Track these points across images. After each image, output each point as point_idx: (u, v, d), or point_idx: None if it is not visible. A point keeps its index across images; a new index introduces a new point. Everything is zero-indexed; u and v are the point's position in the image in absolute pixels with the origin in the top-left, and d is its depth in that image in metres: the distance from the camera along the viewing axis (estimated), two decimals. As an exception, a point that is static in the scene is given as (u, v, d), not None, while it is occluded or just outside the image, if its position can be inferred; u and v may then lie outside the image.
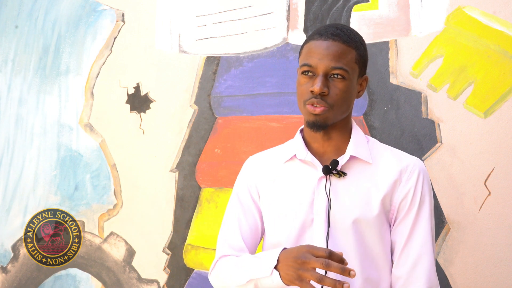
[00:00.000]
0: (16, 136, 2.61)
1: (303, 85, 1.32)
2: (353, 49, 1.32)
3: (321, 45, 1.30)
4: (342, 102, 1.31)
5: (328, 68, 1.28)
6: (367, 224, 1.30)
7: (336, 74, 1.29)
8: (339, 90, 1.29)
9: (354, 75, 1.32)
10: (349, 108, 1.35)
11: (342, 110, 1.32)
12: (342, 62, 1.29)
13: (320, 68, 1.29)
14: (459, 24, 1.80)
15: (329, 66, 1.28)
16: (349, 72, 1.30)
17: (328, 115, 1.30)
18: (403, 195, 1.32)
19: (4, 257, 2.57)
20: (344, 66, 1.29)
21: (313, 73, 1.30)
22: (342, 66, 1.28)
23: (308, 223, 1.33)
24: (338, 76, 1.29)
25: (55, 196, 2.50)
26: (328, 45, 1.29)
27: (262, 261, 1.24)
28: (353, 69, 1.32)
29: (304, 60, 1.32)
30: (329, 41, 1.30)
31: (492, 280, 1.71)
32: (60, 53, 2.56)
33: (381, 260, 1.33)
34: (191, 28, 2.27)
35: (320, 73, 1.29)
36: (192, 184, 2.22)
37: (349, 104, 1.34)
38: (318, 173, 1.34)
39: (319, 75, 1.29)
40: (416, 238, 1.31)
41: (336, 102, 1.29)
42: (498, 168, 1.73)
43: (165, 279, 2.25)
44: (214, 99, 2.20)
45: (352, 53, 1.31)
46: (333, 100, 1.29)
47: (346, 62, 1.29)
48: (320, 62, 1.29)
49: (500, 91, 1.74)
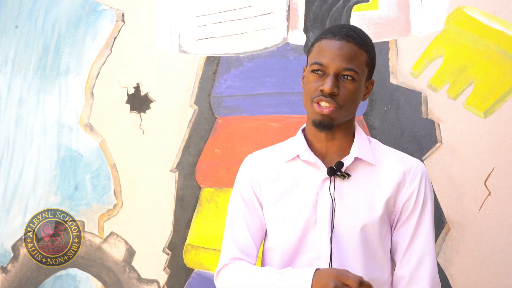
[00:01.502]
0: (16, 136, 2.61)
1: (312, 83, 1.30)
2: (365, 51, 1.31)
3: (334, 45, 1.29)
4: (351, 103, 1.30)
5: (340, 69, 1.28)
6: (371, 225, 1.31)
7: (347, 75, 1.28)
8: (349, 91, 1.28)
9: (363, 78, 1.32)
10: (355, 110, 1.35)
11: (349, 111, 1.32)
12: (354, 63, 1.28)
13: (332, 67, 1.28)
14: (459, 24, 1.80)
15: (341, 66, 1.27)
16: (359, 74, 1.29)
17: (336, 116, 1.29)
18: (407, 196, 1.32)
19: (4, 257, 2.57)
20: (356, 68, 1.28)
21: (324, 72, 1.29)
22: (353, 67, 1.28)
23: (312, 224, 1.32)
24: (349, 78, 1.28)
25: (55, 196, 2.50)
26: (341, 45, 1.29)
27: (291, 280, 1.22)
28: (363, 72, 1.31)
29: (315, 58, 1.31)
30: (342, 41, 1.29)
31: (492, 280, 1.71)
32: (60, 53, 2.56)
33: (383, 260, 1.33)
34: (191, 28, 2.27)
35: (331, 73, 1.28)
36: (192, 184, 2.22)
37: (356, 106, 1.34)
38: (322, 174, 1.33)
39: (330, 75, 1.28)
40: (419, 238, 1.31)
41: (345, 103, 1.29)
42: (498, 168, 1.73)
43: (165, 279, 2.25)
44: (214, 99, 2.20)
45: (363, 56, 1.31)
46: (342, 101, 1.28)
47: (358, 64, 1.29)
48: (332, 61, 1.28)
49: (500, 91, 1.74)
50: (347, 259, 1.30)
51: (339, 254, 1.29)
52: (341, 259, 1.29)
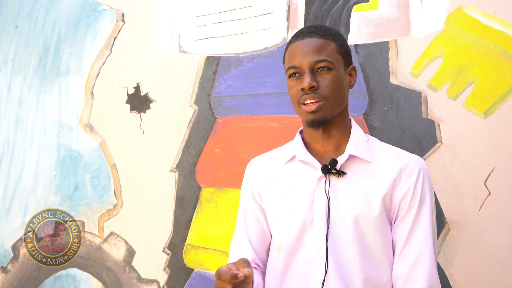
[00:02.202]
0: (16, 136, 2.61)
1: (293, 87, 1.34)
2: (331, 40, 1.34)
3: (300, 44, 1.33)
4: (335, 92, 1.32)
5: (312, 63, 1.31)
6: (368, 223, 1.30)
7: (322, 67, 1.31)
8: (328, 81, 1.31)
9: (339, 65, 1.34)
10: (344, 99, 1.36)
11: (337, 101, 1.33)
12: (324, 54, 1.31)
13: (305, 65, 1.31)
14: (459, 24, 1.80)
15: (312, 61, 1.31)
16: (333, 62, 1.32)
17: (325, 108, 1.31)
18: (403, 193, 1.32)
19: (4, 257, 2.57)
20: (327, 57, 1.31)
21: (300, 73, 1.33)
22: (324, 58, 1.31)
23: (309, 223, 1.33)
24: (324, 69, 1.31)
25: (55, 196, 2.50)
26: (306, 42, 1.33)
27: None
28: (337, 60, 1.33)
29: (288, 64, 1.35)
30: (306, 39, 1.33)
31: (492, 280, 1.71)
32: (60, 53, 2.56)
33: (382, 259, 1.32)
34: (191, 28, 2.27)
35: (306, 70, 1.31)
36: (192, 184, 2.22)
37: (343, 94, 1.35)
38: (318, 173, 1.34)
39: (306, 72, 1.31)
40: (416, 237, 1.30)
41: (329, 94, 1.31)
42: (498, 168, 1.73)
43: (165, 279, 2.25)
44: (214, 99, 2.20)
45: (331, 45, 1.34)
46: (325, 92, 1.30)
47: (328, 54, 1.32)
48: (303, 59, 1.31)
49: (500, 91, 1.74)
50: (343, 257, 1.29)
51: (335, 253, 1.29)
52: (337, 258, 1.29)
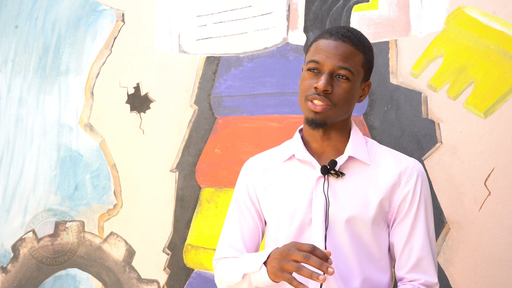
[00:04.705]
0: (16, 136, 2.61)
1: (307, 81, 1.32)
2: (361, 52, 1.32)
3: (330, 44, 1.30)
4: (344, 102, 1.31)
5: (335, 67, 1.28)
6: (363, 224, 1.30)
7: (342, 74, 1.29)
8: (343, 90, 1.29)
9: (358, 79, 1.32)
10: (349, 110, 1.35)
11: (343, 111, 1.32)
12: (349, 63, 1.29)
13: (327, 66, 1.29)
14: (459, 24, 1.80)
15: (336, 65, 1.28)
16: (354, 74, 1.30)
17: (329, 114, 1.30)
18: (402, 197, 1.32)
19: (4, 257, 2.57)
20: (351, 67, 1.29)
21: (319, 70, 1.30)
22: (348, 67, 1.28)
23: (307, 223, 1.33)
24: (343, 77, 1.29)
25: (55, 196, 2.50)
26: (337, 45, 1.30)
27: (255, 257, 1.26)
28: (359, 72, 1.32)
29: (311, 57, 1.32)
30: (338, 41, 1.30)
31: (492, 280, 1.71)
32: (60, 53, 2.56)
33: (383, 262, 1.33)
34: (191, 28, 2.27)
35: (326, 71, 1.29)
36: (192, 184, 2.22)
37: (350, 106, 1.34)
38: (317, 173, 1.34)
39: (325, 73, 1.29)
40: (416, 240, 1.31)
41: (339, 102, 1.29)
42: (498, 168, 1.73)
43: (165, 279, 2.25)
44: (214, 99, 2.20)
45: (359, 56, 1.31)
46: (336, 99, 1.29)
47: (353, 64, 1.30)
48: (327, 60, 1.29)
49: (500, 91, 1.74)
50: (341, 257, 1.29)
51: (334, 253, 1.29)
52: (336, 258, 1.29)
